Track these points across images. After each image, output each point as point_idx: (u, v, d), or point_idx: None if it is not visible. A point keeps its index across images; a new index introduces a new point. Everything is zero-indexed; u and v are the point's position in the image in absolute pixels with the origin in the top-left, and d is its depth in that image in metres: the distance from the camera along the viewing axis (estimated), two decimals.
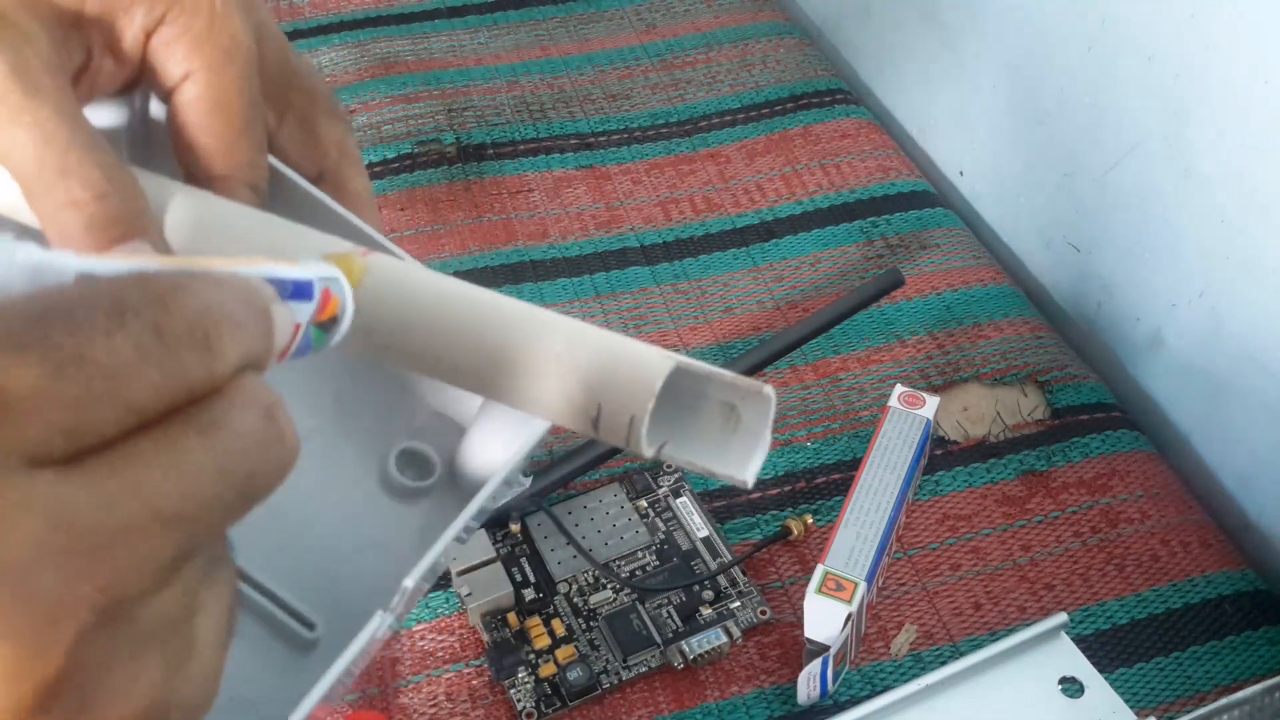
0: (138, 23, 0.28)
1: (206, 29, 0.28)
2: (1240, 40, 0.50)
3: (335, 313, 0.24)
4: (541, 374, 0.25)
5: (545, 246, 0.67)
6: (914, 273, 0.64)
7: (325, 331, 0.24)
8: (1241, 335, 0.53)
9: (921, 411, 0.52)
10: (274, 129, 0.33)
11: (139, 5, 0.27)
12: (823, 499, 0.54)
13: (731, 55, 0.82)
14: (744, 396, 0.25)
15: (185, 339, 0.18)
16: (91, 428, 0.17)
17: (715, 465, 0.25)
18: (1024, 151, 0.68)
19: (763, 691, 0.47)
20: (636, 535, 0.52)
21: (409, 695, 0.47)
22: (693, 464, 0.25)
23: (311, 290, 0.23)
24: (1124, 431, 0.57)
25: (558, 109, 0.77)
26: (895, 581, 0.51)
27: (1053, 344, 0.62)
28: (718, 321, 0.63)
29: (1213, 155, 0.53)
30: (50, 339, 0.16)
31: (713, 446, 0.25)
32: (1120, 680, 0.47)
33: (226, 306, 0.19)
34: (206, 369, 0.18)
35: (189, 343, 0.18)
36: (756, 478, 0.25)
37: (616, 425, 0.24)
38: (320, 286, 0.23)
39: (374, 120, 0.76)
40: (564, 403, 0.25)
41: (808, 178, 0.72)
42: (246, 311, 0.19)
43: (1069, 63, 0.61)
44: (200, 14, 0.28)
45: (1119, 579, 0.51)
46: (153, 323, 0.17)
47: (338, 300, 0.24)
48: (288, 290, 0.22)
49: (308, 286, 0.23)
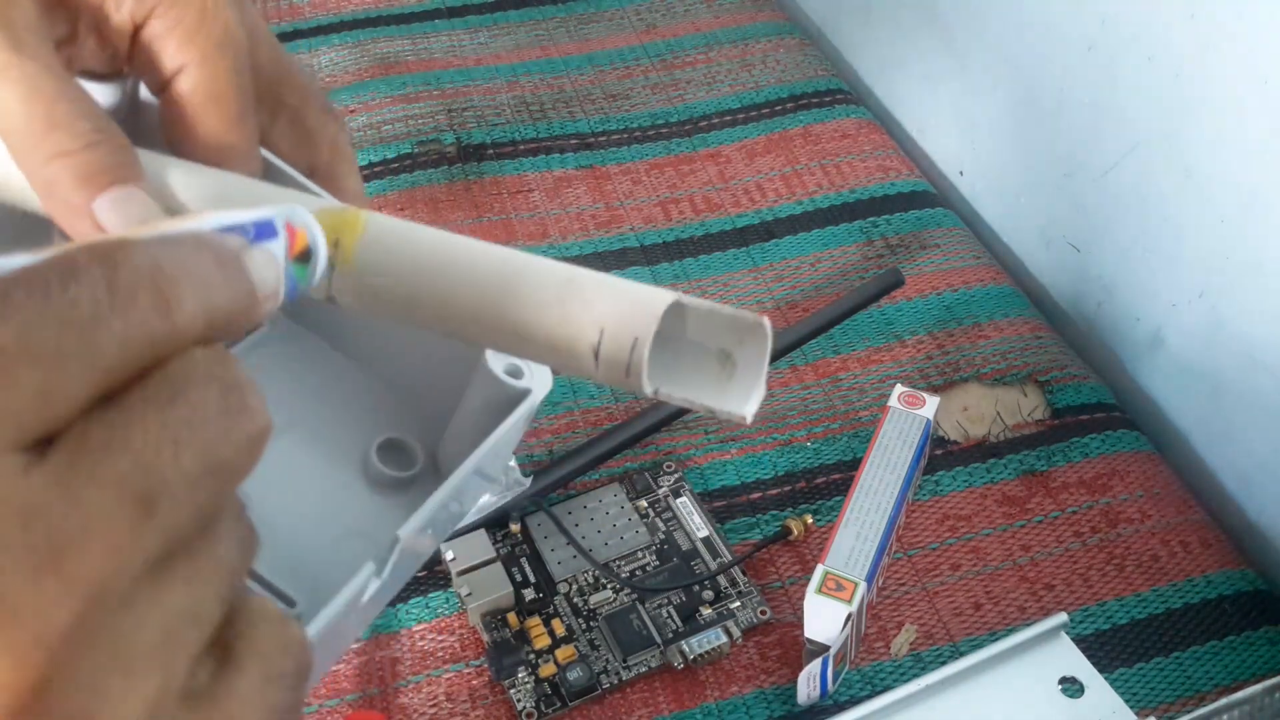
0: (125, 11, 0.28)
1: (198, 22, 0.28)
2: (1240, 40, 0.50)
3: (306, 244, 0.23)
4: (544, 303, 0.24)
5: (545, 246, 0.67)
6: (914, 273, 0.64)
7: (304, 264, 0.23)
8: (1242, 335, 0.53)
9: (921, 411, 0.52)
10: (267, 126, 0.33)
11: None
12: (823, 499, 0.54)
13: (731, 55, 0.82)
14: (742, 335, 0.25)
15: (138, 292, 0.18)
16: (61, 391, 0.17)
17: (714, 402, 0.24)
18: (1024, 151, 0.68)
19: (763, 692, 0.47)
20: (636, 535, 0.52)
21: (409, 695, 0.47)
22: (690, 401, 0.24)
23: (274, 227, 0.22)
24: (1124, 431, 0.57)
25: (558, 109, 0.77)
26: (895, 581, 0.51)
27: (1053, 344, 0.62)
28: None
29: (1213, 155, 0.53)
30: (11, 301, 0.16)
31: (710, 387, 0.25)
32: (1120, 680, 0.47)
33: (180, 260, 0.19)
34: (165, 323, 0.18)
35: (143, 296, 0.18)
36: (754, 415, 0.25)
37: (618, 352, 0.24)
38: (281, 222, 0.23)
39: (374, 120, 0.76)
40: (566, 330, 0.24)
41: (808, 178, 0.72)
42: (206, 264, 0.19)
43: (1069, 62, 0.61)
44: (191, 7, 0.28)
45: (1119, 579, 0.51)
46: (103, 278, 0.17)
47: (303, 232, 0.23)
48: (249, 233, 0.22)
49: (268, 225, 0.22)
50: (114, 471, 0.17)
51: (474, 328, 0.25)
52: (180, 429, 0.18)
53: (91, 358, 0.17)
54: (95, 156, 0.26)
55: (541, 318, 0.25)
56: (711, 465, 0.55)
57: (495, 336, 0.25)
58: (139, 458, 0.17)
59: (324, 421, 0.33)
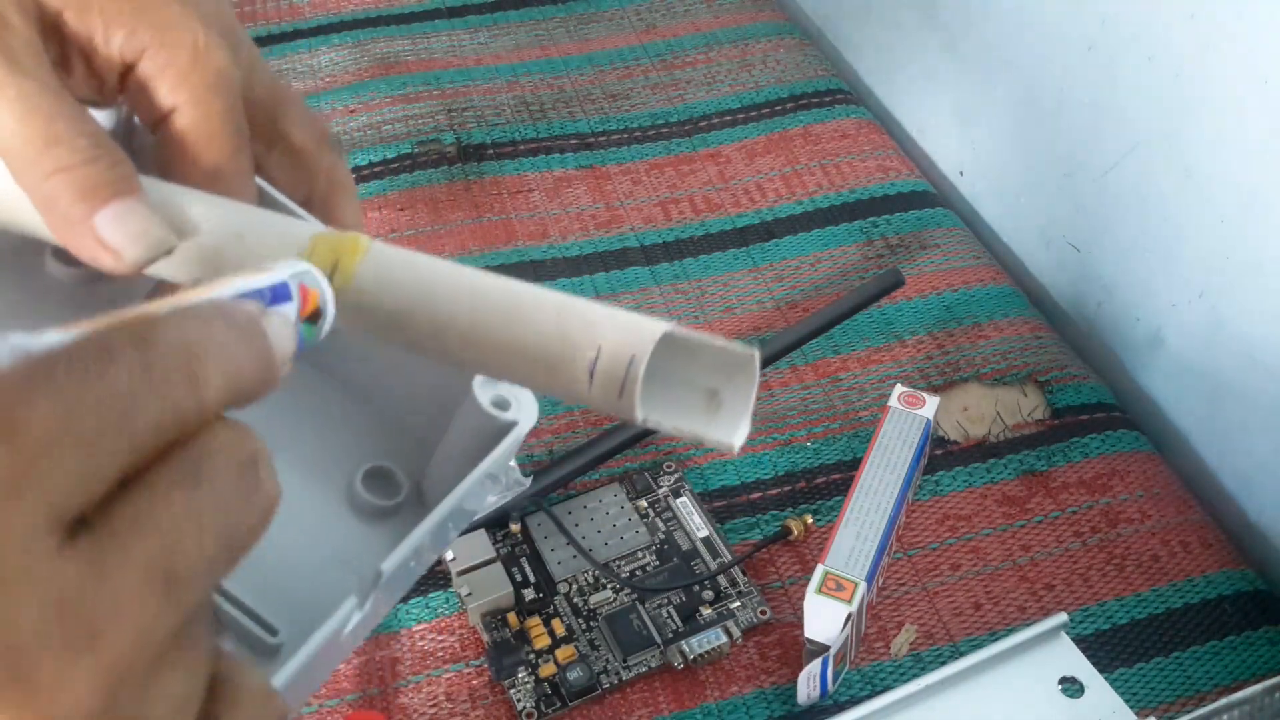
0: (115, 47, 0.28)
1: (190, 63, 0.28)
2: (1240, 40, 0.50)
3: (317, 305, 0.24)
4: (542, 322, 0.25)
5: (545, 246, 0.67)
6: (914, 273, 0.64)
7: (313, 325, 0.24)
8: (1242, 335, 0.53)
9: (921, 411, 0.52)
10: (262, 157, 0.33)
11: (118, 31, 0.27)
12: (823, 499, 0.54)
13: (731, 55, 0.82)
14: (731, 368, 0.25)
15: (171, 373, 0.18)
16: (97, 472, 0.17)
17: (702, 430, 0.25)
18: (1024, 151, 0.68)
19: (763, 692, 0.47)
20: (636, 535, 0.52)
21: (409, 695, 0.47)
22: (679, 429, 0.25)
23: (289, 291, 0.23)
24: (1124, 431, 0.57)
25: (558, 109, 0.77)
26: (895, 581, 0.51)
27: (1053, 344, 0.62)
28: (718, 321, 0.63)
29: (1213, 155, 0.53)
30: (54, 384, 0.17)
31: (699, 418, 0.25)
32: (1120, 680, 0.47)
33: (207, 336, 0.19)
34: (195, 399, 0.19)
35: (175, 377, 0.18)
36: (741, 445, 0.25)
37: (615, 369, 0.24)
38: (295, 284, 0.23)
39: (374, 120, 0.76)
40: (564, 347, 0.24)
41: (808, 178, 0.72)
42: (230, 338, 0.20)
43: (1069, 63, 0.61)
44: (183, 48, 0.28)
45: (1119, 579, 0.51)
46: (138, 360, 0.18)
47: (316, 293, 0.24)
48: (266, 298, 0.22)
49: (284, 288, 0.23)
50: (142, 553, 0.17)
51: (471, 349, 0.26)
52: (203, 511, 0.18)
53: (127, 439, 0.17)
54: (94, 171, 0.26)
55: (539, 336, 0.25)
56: (711, 465, 0.55)
57: (491, 355, 0.26)
58: (165, 540, 0.18)
59: (309, 447, 0.33)
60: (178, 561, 0.18)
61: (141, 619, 0.17)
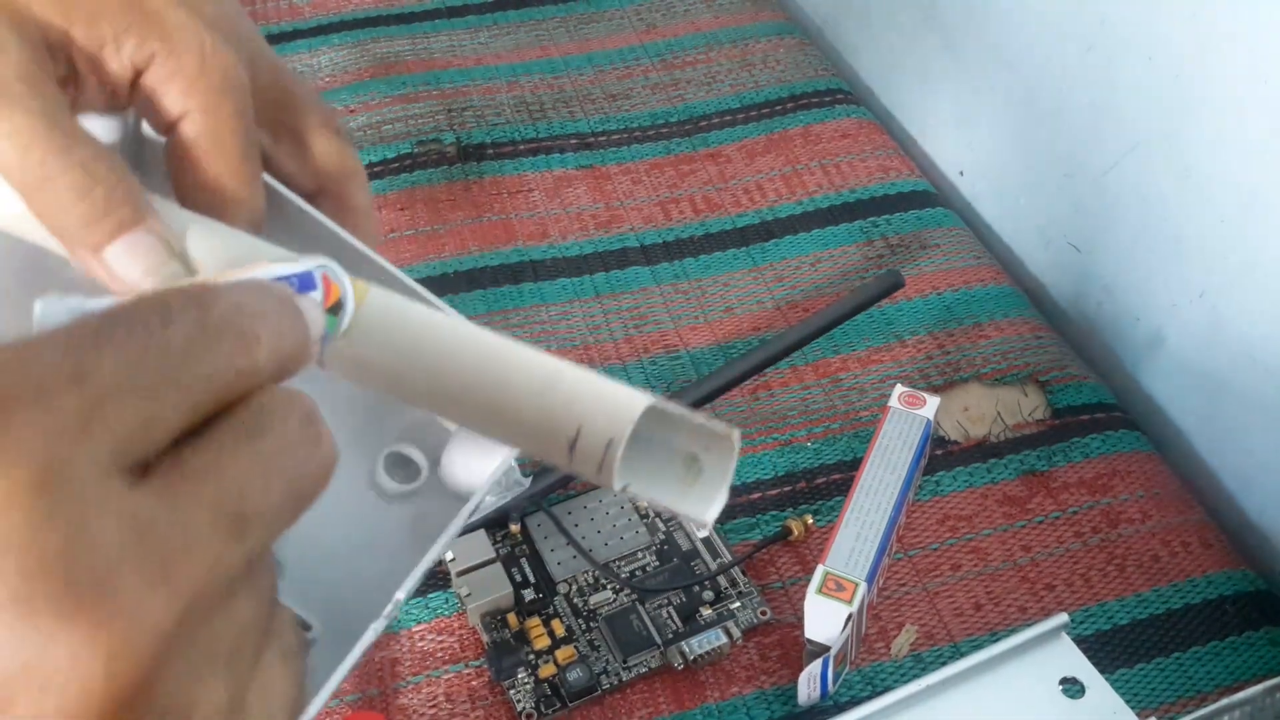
0: (126, 56, 0.28)
1: (199, 69, 0.28)
2: (1240, 40, 0.50)
3: (338, 297, 0.25)
4: (527, 394, 0.25)
5: (545, 246, 0.67)
6: (914, 273, 0.64)
7: (335, 316, 0.25)
8: (1242, 335, 0.53)
9: (922, 411, 0.51)
10: (271, 149, 0.33)
11: (128, 39, 0.27)
12: (823, 499, 0.54)
13: (731, 55, 0.82)
14: (710, 442, 0.25)
15: (226, 331, 0.19)
16: (159, 420, 0.18)
17: (678, 504, 0.26)
18: (1024, 151, 0.68)
19: (763, 692, 0.47)
20: (636, 535, 0.52)
21: (408, 696, 0.47)
22: (655, 501, 0.26)
23: (314, 280, 0.24)
24: (1124, 431, 0.57)
25: (557, 109, 0.77)
26: (896, 582, 0.51)
27: (1053, 344, 0.62)
28: (718, 321, 0.63)
29: (1213, 155, 0.53)
30: (118, 337, 0.18)
31: (675, 489, 0.26)
32: (1121, 681, 0.47)
33: (256, 305, 0.20)
34: (249, 360, 0.20)
35: (229, 335, 0.19)
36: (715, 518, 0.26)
37: (593, 450, 0.25)
38: (319, 274, 0.24)
39: (373, 120, 0.76)
40: (546, 422, 0.25)
41: (808, 178, 0.72)
42: (273, 305, 0.21)
43: (1069, 63, 0.61)
44: (191, 53, 0.28)
45: (1119, 579, 0.51)
46: (196, 319, 0.19)
47: (337, 285, 0.25)
48: (294, 285, 0.23)
49: (309, 277, 0.24)
50: (212, 495, 0.18)
51: (455, 409, 0.26)
52: (269, 460, 0.19)
53: (186, 390, 0.19)
54: (93, 204, 0.26)
55: (522, 408, 0.25)
56: None
57: (476, 419, 0.26)
58: (233, 484, 0.19)
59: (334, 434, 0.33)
60: (246, 506, 0.19)
61: (212, 555, 0.18)
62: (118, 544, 0.17)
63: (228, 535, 0.18)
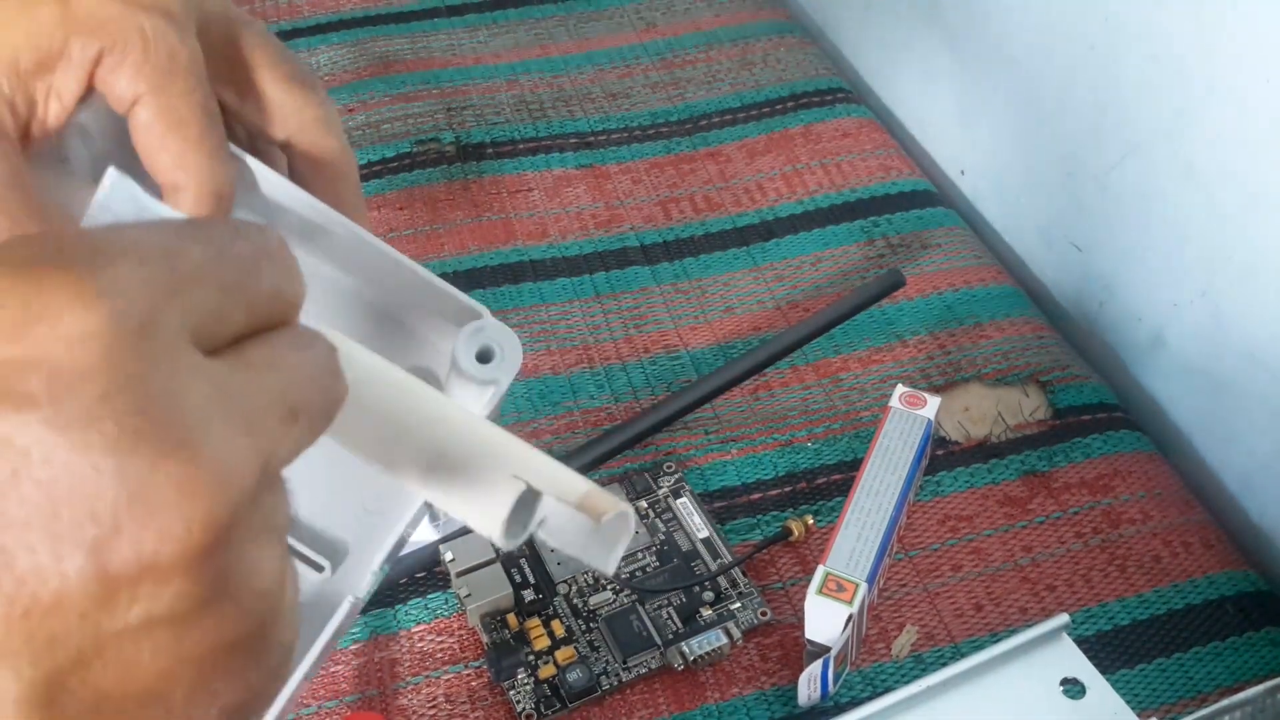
0: (76, 65, 0.29)
1: (142, 55, 0.29)
2: (1242, 39, 0.49)
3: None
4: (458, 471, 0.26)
5: (545, 246, 0.67)
6: (915, 272, 0.64)
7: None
8: (1243, 335, 0.53)
9: (923, 412, 0.51)
10: (238, 107, 0.33)
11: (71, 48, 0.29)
12: (823, 499, 0.54)
13: (732, 54, 0.82)
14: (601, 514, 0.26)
15: (279, 259, 0.22)
16: (229, 313, 0.20)
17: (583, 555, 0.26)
18: (1025, 151, 0.67)
19: (763, 693, 0.47)
20: (636, 536, 0.51)
21: (408, 696, 0.47)
22: (564, 548, 0.26)
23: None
24: (1125, 432, 0.57)
25: (557, 108, 0.77)
26: (896, 582, 0.51)
27: (1054, 344, 0.61)
28: (718, 321, 0.63)
29: (1214, 154, 0.52)
30: (200, 237, 0.20)
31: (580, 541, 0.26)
32: (1122, 681, 0.47)
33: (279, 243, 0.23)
34: (293, 289, 0.22)
35: (281, 263, 0.22)
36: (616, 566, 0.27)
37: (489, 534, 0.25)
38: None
39: (372, 119, 0.76)
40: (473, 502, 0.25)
41: (808, 177, 0.71)
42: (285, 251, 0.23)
43: (1071, 62, 0.61)
44: (133, 42, 0.29)
45: (1120, 580, 0.50)
46: (260, 243, 0.21)
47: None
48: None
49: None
50: (272, 385, 0.20)
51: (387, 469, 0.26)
52: (313, 369, 0.22)
53: (251, 296, 0.21)
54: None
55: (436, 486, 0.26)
56: (712, 466, 0.55)
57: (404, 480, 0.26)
58: (289, 381, 0.21)
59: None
60: (298, 401, 0.21)
61: (277, 432, 0.20)
62: (206, 398, 0.19)
63: (286, 420, 0.20)
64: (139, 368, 0.18)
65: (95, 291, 0.18)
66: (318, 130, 0.34)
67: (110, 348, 0.18)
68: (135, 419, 0.17)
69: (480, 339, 0.31)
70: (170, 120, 0.30)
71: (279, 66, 0.34)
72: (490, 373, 0.31)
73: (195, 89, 0.30)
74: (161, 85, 0.29)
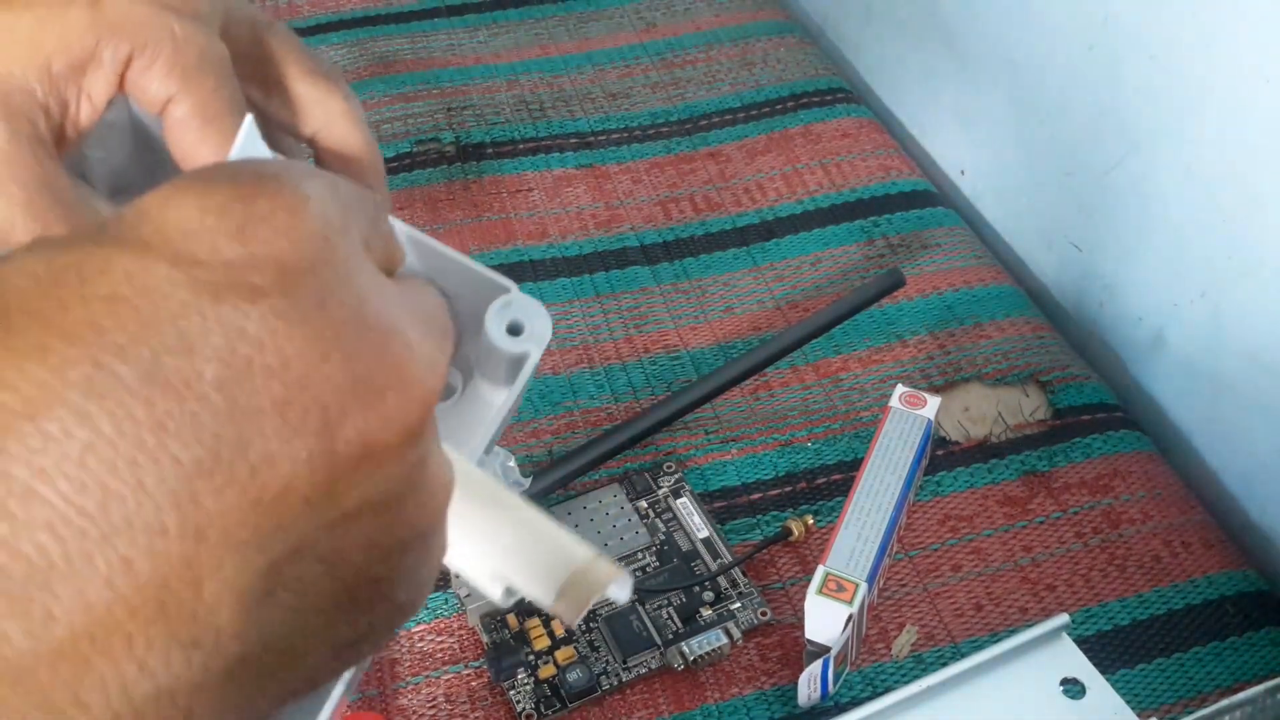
0: (108, 68, 0.29)
1: (173, 55, 0.30)
2: (1242, 39, 0.49)
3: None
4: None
5: (545, 246, 0.67)
6: (915, 272, 0.64)
7: None
8: (1244, 335, 0.53)
9: (923, 412, 0.51)
10: (265, 104, 0.34)
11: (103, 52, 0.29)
12: (823, 499, 0.54)
13: (732, 54, 0.82)
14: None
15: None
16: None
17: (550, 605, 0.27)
18: (1025, 151, 0.67)
19: (763, 693, 0.47)
20: (636, 536, 0.51)
21: (408, 697, 0.47)
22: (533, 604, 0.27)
23: None
24: (1126, 432, 0.57)
25: (557, 108, 0.77)
26: (896, 582, 0.51)
27: (1054, 344, 0.61)
28: (718, 321, 0.63)
29: (1215, 154, 0.52)
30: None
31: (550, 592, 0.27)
32: (1122, 681, 0.47)
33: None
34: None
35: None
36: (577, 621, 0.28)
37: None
38: None
39: (372, 119, 0.75)
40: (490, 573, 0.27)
41: (808, 177, 0.71)
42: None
43: (1071, 62, 0.61)
44: (163, 42, 0.30)
45: (1120, 579, 0.50)
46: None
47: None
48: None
49: None
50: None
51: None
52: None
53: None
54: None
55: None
56: (712, 466, 0.55)
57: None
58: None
59: None
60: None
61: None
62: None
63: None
64: (351, 265, 0.19)
65: (307, 198, 0.19)
66: (343, 124, 0.34)
67: (327, 246, 0.19)
68: (358, 309, 0.19)
69: (509, 313, 0.31)
70: (205, 116, 0.30)
71: (303, 63, 0.34)
72: (521, 345, 0.31)
73: (226, 86, 0.31)
74: (194, 83, 0.30)
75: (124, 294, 0.17)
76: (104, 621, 0.16)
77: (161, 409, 0.17)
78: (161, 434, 0.17)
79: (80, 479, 0.16)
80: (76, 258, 0.18)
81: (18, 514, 0.16)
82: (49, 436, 0.16)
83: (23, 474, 0.16)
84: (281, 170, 0.20)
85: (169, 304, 0.17)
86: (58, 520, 0.16)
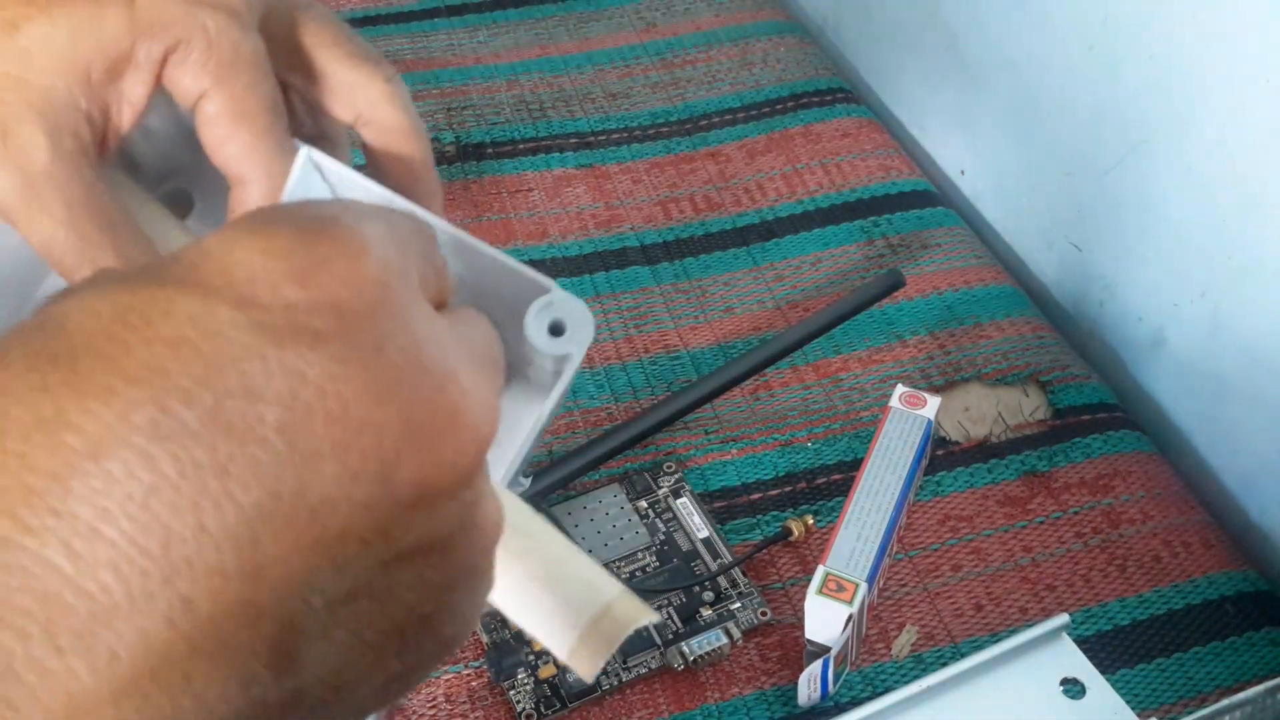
0: (144, 68, 0.30)
1: (206, 51, 0.30)
2: (1242, 39, 0.49)
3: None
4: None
5: (545, 246, 0.67)
6: (915, 272, 0.64)
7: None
8: (1244, 335, 0.53)
9: (923, 412, 0.51)
10: (305, 91, 0.34)
11: (139, 51, 0.29)
12: (823, 499, 0.54)
13: (732, 54, 0.82)
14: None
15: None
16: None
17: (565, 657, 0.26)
18: (1025, 151, 0.67)
19: (763, 693, 0.47)
20: (636, 536, 0.51)
21: (407, 696, 0.47)
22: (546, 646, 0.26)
23: None
24: (1126, 432, 0.57)
25: (557, 108, 0.77)
26: (896, 582, 0.51)
27: (1054, 344, 0.61)
28: (718, 321, 0.63)
29: (1215, 154, 0.52)
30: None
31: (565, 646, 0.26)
32: (1121, 681, 0.47)
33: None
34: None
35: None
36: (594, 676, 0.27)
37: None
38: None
39: None
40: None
41: (808, 177, 0.71)
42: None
43: (1070, 62, 0.61)
44: (196, 39, 0.30)
45: (1120, 580, 0.50)
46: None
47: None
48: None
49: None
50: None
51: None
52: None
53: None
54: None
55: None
56: (712, 466, 0.55)
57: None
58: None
59: None
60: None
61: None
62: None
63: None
64: (408, 309, 0.20)
65: (366, 243, 0.19)
66: (385, 106, 0.34)
67: (385, 290, 0.19)
68: (415, 354, 0.19)
69: (551, 313, 0.31)
70: (235, 113, 0.30)
71: (343, 44, 0.33)
72: (563, 346, 0.31)
73: (260, 83, 0.30)
74: (226, 80, 0.30)
75: (188, 336, 0.17)
76: (165, 658, 0.17)
77: (224, 452, 0.17)
78: (224, 477, 0.17)
79: (143, 520, 0.16)
80: (141, 298, 0.18)
81: (82, 553, 0.16)
82: (113, 478, 0.16)
83: (87, 514, 0.16)
84: (341, 213, 0.20)
85: (232, 348, 0.18)
86: (121, 560, 0.16)
